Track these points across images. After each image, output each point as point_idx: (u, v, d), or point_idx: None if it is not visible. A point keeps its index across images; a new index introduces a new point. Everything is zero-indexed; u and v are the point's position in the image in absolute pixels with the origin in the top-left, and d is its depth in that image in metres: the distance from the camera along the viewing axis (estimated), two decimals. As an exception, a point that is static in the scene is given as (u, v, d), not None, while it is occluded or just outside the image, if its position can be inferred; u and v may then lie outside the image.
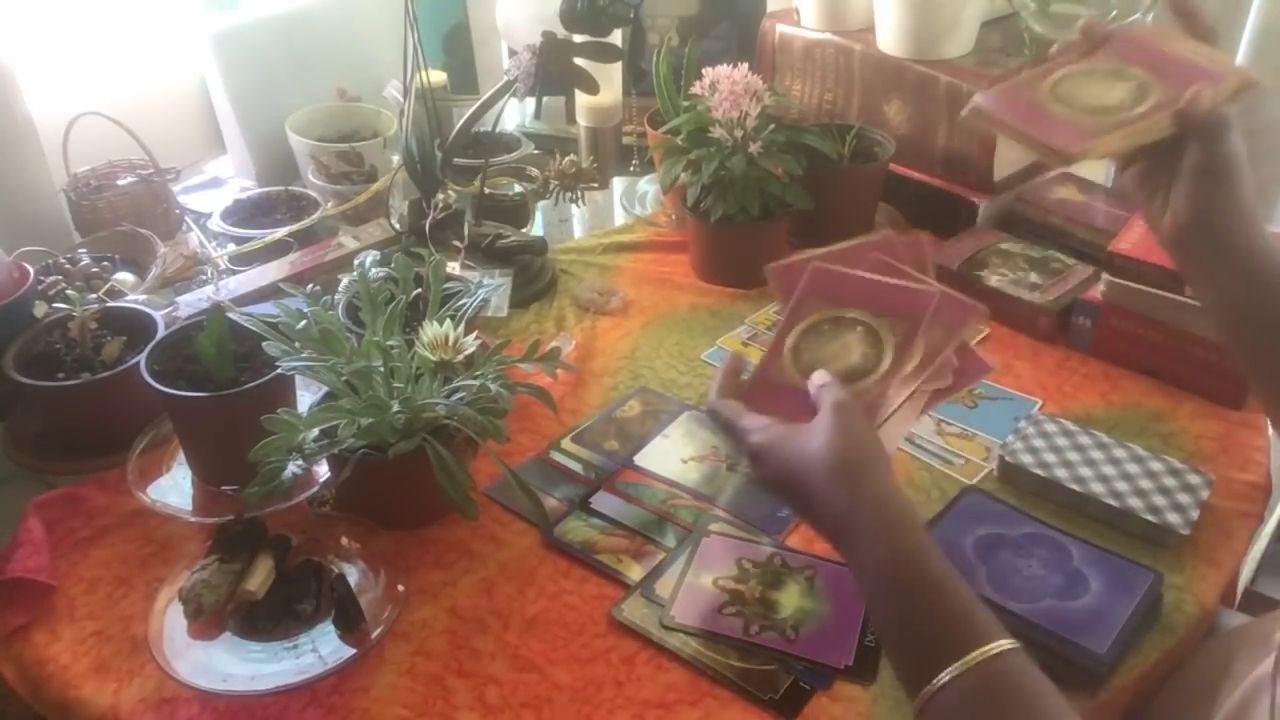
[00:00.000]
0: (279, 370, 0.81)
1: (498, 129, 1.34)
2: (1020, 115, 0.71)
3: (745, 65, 1.12)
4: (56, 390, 0.89)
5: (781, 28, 1.32)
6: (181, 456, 0.89)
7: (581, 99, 1.39)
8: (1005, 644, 0.55)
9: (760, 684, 0.71)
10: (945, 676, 0.54)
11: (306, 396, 0.90)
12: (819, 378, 0.67)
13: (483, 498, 0.87)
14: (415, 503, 0.84)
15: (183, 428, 0.87)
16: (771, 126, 1.13)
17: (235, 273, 1.15)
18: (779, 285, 0.74)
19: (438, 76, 1.49)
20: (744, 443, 0.66)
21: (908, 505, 0.61)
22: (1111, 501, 0.82)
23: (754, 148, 1.10)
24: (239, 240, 1.22)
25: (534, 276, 1.18)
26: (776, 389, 0.70)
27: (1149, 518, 0.80)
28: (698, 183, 1.13)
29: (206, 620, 0.75)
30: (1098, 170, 1.31)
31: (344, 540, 0.83)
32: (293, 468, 0.76)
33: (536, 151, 1.43)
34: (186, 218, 1.30)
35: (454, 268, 1.12)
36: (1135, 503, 0.82)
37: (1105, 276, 1.00)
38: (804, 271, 0.73)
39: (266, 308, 0.94)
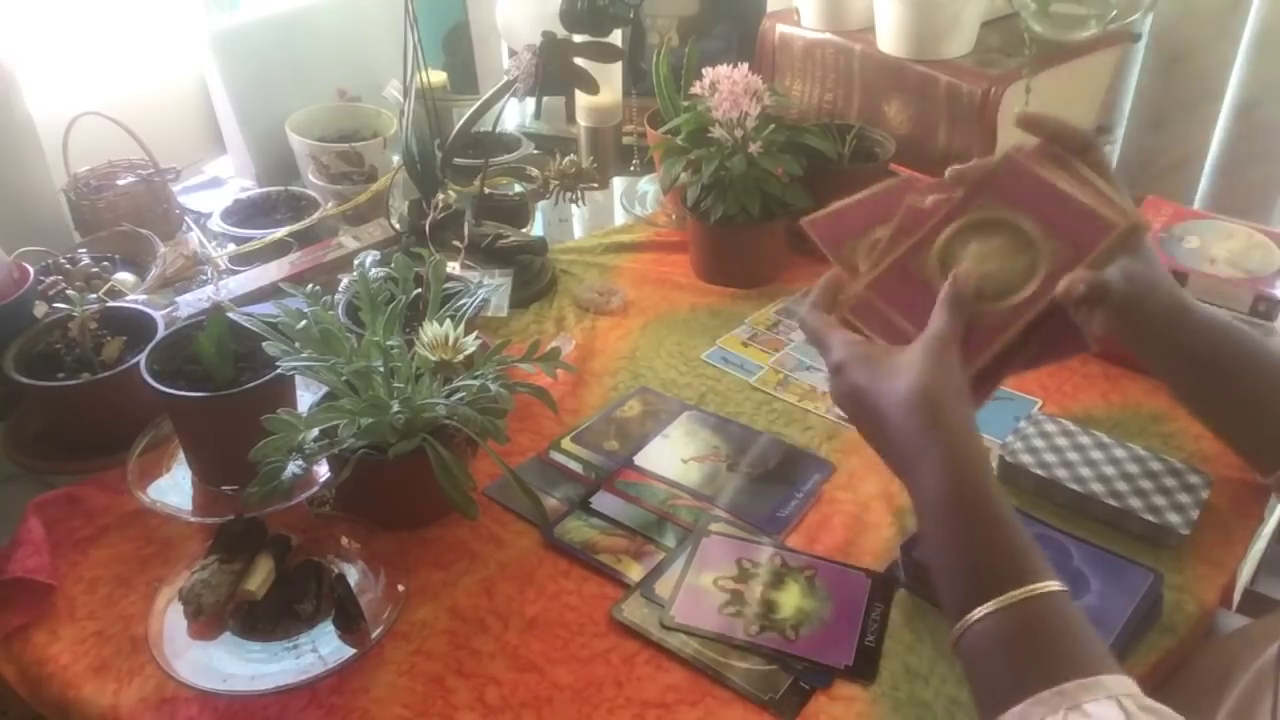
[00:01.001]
0: (279, 370, 0.81)
1: (498, 129, 1.34)
2: (912, 303, 0.67)
3: (745, 65, 1.12)
4: (56, 390, 0.89)
5: (781, 28, 1.32)
6: (181, 456, 0.89)
7: (581, 99, 1.39)
8: (1052, 585, 0.56)
9: (760, 684, 0.71)
10: (986, 609, 0.55)
11: (306, 396, 0.90)
12: (948, 291, 0.65)
13: (483, 498, 0.87)
14: (415, 503, 0.84)
15: (183, 428, 0.87)
16: (771, 126, 1.12)
17: (235, 273, 1.15)
18: (824, 237, 0.72)
19: (438, 76, 1.49)
20: (830, 354, 0.67)
21: (981, 446, 0.62)
22: (1112, 501, 0.82)
23: (754, 148, 1.10)
24: (239, 240, 1.22)
25: (534, 276, 1.18)
26: (909, 281, 0.67)
27: (1149, 518, 0.80)
28: (698, 183, 1.13)
29: (206, 620, 0.75)
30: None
31: (344, 540, 0.83)
32: (293, 468, 0.75)
33: (536, 151, 1.43)
34: (186, 218, 1.30)
35: (454, 268, 1.12)
36: (1135, 503, 0.82)
37: (1105, 276, 1.00)
38: (855, 216, 0.71)
39: (266, 308, 0.93)
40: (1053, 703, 0.51)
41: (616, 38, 1.22)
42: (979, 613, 0.55)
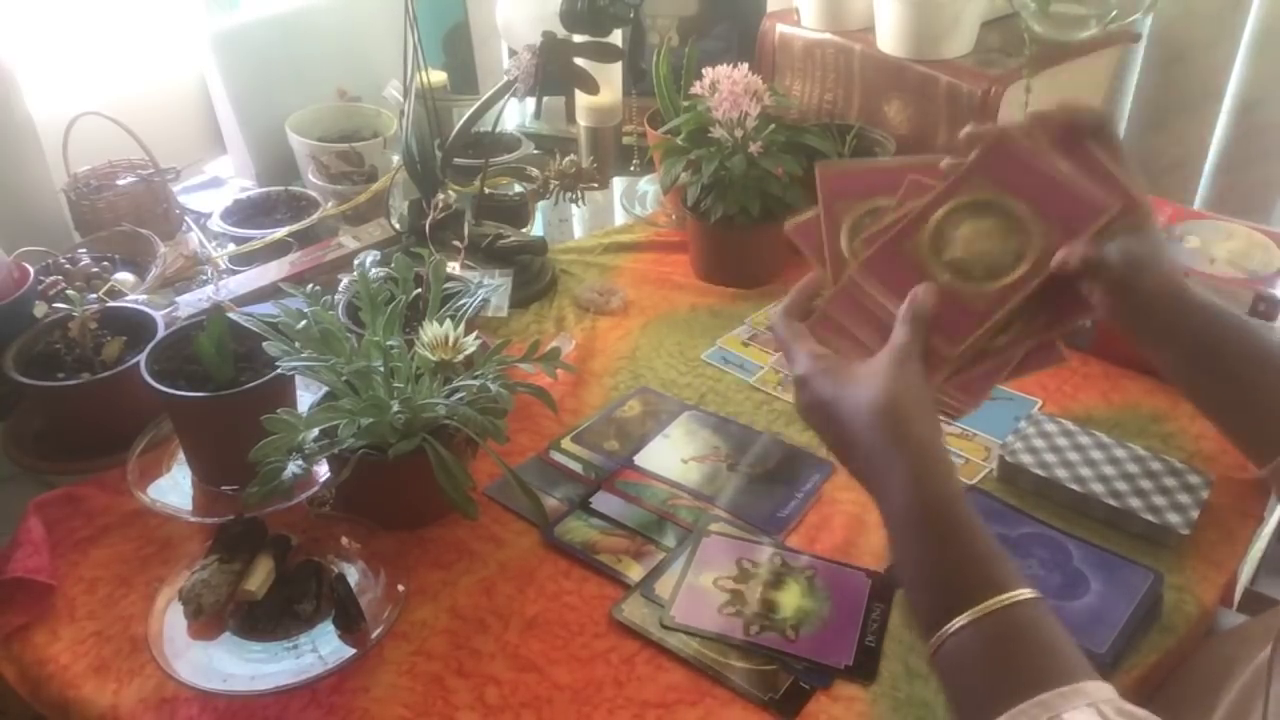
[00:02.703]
0: (279, 370, 0.81)
1: (498, 129, 1.33)
2: (903, 283, 0.67)
3: (745, 65, 1.12)
4: (56, 390, 0.89)
5: (781, 28, 1.32)
6: (181, 456, 0.89)
7: (581, 99, 1.38)
8: (1024, 593, 0.55)
9: (760, 684, 0.71)
10: (960, 621, 0.55)
11: (306, 396, 0.90)
12: (908, 307, 0.65)
13: (483, 498, 0.87)
14: (415, 503, 0.84)
15: (183, 428, 0.87)
16: (771, 126, 1.12)
17: (235, 273, 1.15)
18: (828, 190, 0.72)
19: (438, 76, 1.49)
20: (795, 366, 0.67)
21: (947, 457, 0.62)
22: (1111, 501, 0.82)
23: (754, 148, 1.10)
24: (239, 240, 1.22)
25: (534, 276, 1.18)
26: (896, 262, 0.67)
27: (1149, 518, 0.80)
28: (698, 183, 1.13)
29: (206, 620, 0.75)
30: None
31: (344, 540, 0.83)
32: (293, 468, 0.75)
33: (536, 151, 1.43)
34: (186, 218, 1.30)
35: (454, 268, 1.12)
36: (1135, 503, 0.82)
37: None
38: (864, 180, 0.70)
39: (266, 308, 0.93)
40: (1032, 713, 0.51)
41: (616, 38, 1.22)
42: (955, 625, 0.55)
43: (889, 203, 0.69)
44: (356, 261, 0.91)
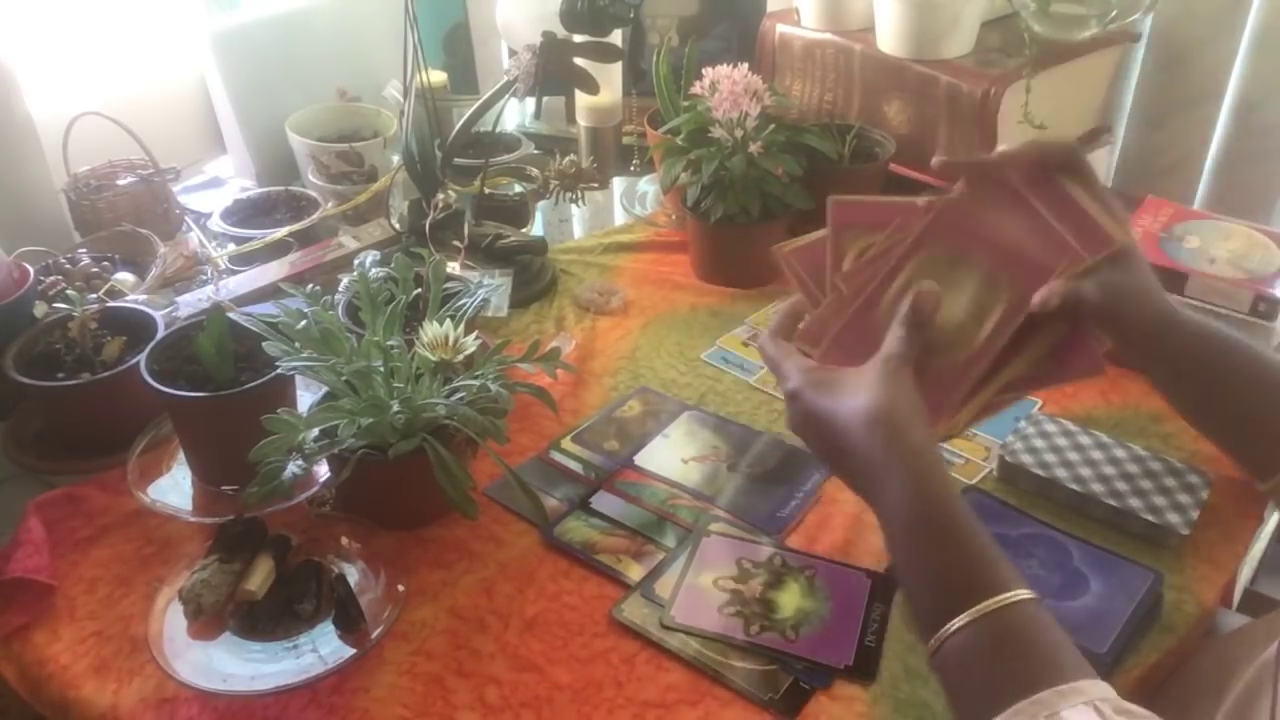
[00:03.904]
0: (279, 370, 0.81)
1: (498, 129, 1.33)
2: (873, 346, 0.67)
3: (745, 65, 1.12)
4: (56, 390, 0.89)
5: (781, 28, 1.32)
6: (181, 456, 0.89)
7: (581, 99, 1.38)
8: (1022, 594, 0.56)
9: (760, 684, 0.71)
10: (959, 622, 0.55)
11: (306, 396, 0.90)
12: (907, 312, 0.67)
13: (483, 498, 0.87)
14: (415, 503, 0.84)
15: (183, 428, 0.87)
16: (771, 126, 1.12)
17: (235, 273, 1.15)
18: (800, 266, 0.74)
19: (438, 76, 1.49)
20: (786, 382, 0.69)
21: (941, 461, 0.62)
22: (1112, 501, 0.82)
23: (754, 148, 1.10)
24: (239, 240, 1.22)
25: (534, 276, 1.18)
26: (864, 334, 0.68)
27: (1149, 518, 0.80)
28: (698, 183, 1.13)
29: (206, 620, 0.75)
30: (1098, 170, 1.30)
31: (344, 540, 0.83)
32: (293, 468, 0.75)
33: (536, 151, 1.43)
34: (186, 218, 1.30)
35: (454, 268, 1.12)
36: (1135, 503, 0.82)
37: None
38: (872, 213, 0.72)
39: (266, 308, 0.93)
40: (1030, 711, 0.51)
41: (616, 38, 1.22)
42: (953, 625, 0.55)
43: (980, 258, 0.69)
44: (356, 261, 0.91)
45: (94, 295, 1.03)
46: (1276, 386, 0.73)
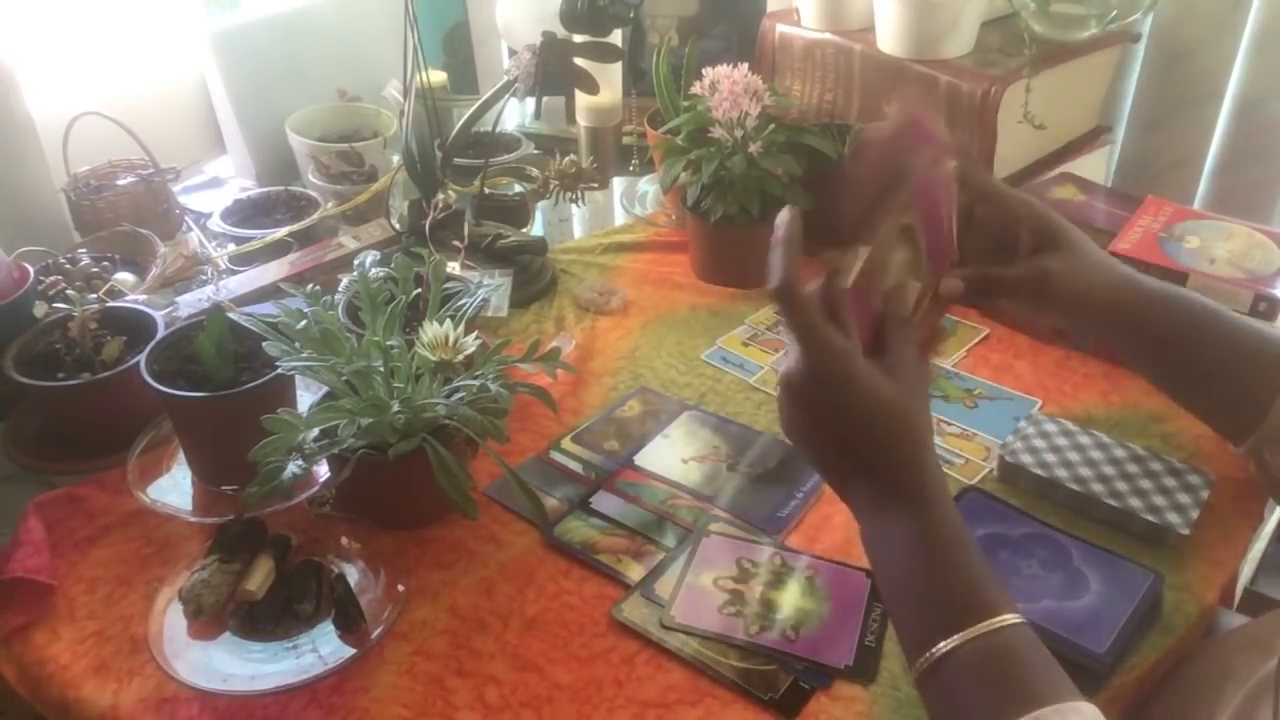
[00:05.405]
0: (279, 370, 0.81)
1: (498, 129, 1.33)
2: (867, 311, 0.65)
3: (745, 65, 1.12)
4: (56, 390, 0.89)
5: (781, 28, 1.32)
6: (181, 456, 0.89)
7: (581, 99, 1.38)
8: (1010, 618, 0.55)
9: (760, 684, 0.71)
10: (946, 646, 0.54)
11: (306, 396, 0.90)
12: (893, 317, 0.64)
13: (483, 498, 0.87)
14: (415, 503, 0.84)
15: (183, 428, 0.87)
16: (771, 126, 1.12)
17: (235, 273, 1.15)
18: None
19: (438, 76, 1.49)
20: (834, 359, 0.58)
21: (941, 473, 0.61)
22: (1112, 501, 0.82)
23: (754, 148, 1.10)
24: (239, 240, 1.22)
25: (534, 276, 1.18)
26: (866, 289, 0.65)
27: (1149, 518, 0.80)
28: (698, 183, 1.13)
29: (206, 620, 0.75)
30: (1098, 170, 1.31)
31: (344, 540, 0.83)
32: (293, 468, 0.75)
33: (536, 151, 1.43)
34: (186, 218, 1.30)
35: (454, 268, 1.12)
36: (1135, 503, 0.82)
37: (1105, 276, 1.00)
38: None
39: (266, 308, 0.94)
40: None
41: (616, 38, 1.22)
42: (947, 645, 0.54)
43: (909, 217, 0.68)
44: (356, 261, 0.91)
45: (94, 295, 1.03)
46: (1246, 344, 0.73)
